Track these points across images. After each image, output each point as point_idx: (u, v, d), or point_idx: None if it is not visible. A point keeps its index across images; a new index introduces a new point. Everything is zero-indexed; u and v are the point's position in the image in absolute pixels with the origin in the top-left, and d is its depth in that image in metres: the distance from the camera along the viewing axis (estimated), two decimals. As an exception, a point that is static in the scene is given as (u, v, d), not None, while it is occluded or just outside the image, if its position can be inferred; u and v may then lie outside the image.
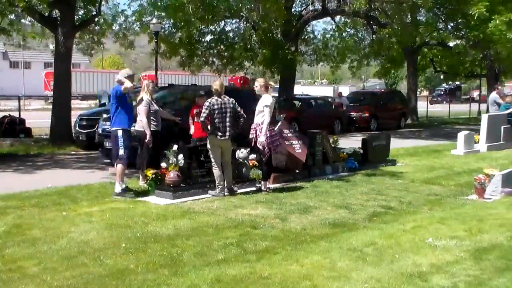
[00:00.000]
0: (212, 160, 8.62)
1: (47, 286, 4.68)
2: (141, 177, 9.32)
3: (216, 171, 8.59)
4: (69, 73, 17.36)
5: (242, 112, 8.76)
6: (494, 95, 17.70)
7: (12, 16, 18.12)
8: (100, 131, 12.43)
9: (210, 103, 8.54)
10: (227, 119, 8.56)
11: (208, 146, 8.63)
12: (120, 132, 8.46)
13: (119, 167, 8.45)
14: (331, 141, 11.57)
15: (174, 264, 5.24)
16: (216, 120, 8.50)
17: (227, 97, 8.71)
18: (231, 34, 21.19)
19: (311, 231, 6.60)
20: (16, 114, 18.69)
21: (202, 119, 8.56)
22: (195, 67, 21.55)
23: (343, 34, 26.07)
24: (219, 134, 8.53)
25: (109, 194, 8.60)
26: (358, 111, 24.14)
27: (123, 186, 8.45)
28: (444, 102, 53.80)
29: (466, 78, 42.58)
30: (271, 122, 8.99)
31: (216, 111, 8.50)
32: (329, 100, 26.08)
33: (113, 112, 8.59)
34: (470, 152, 14.72)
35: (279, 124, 10.83)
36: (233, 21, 21.12)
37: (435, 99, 61.95)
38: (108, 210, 7.49)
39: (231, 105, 8.64)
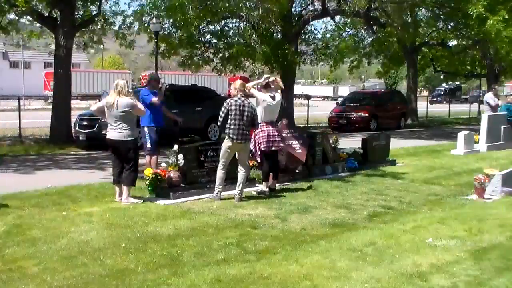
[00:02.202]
0: (221, 161, 8.33)
1: (47, 286, 4.68)
2: (117, 192, 8.17)
3: (220, 173, 8.29)
4: (69, 73, 17.36)
5: (257, 121, 8.51)
6: (488, 95, 17.77)
7: (12, 16, 18.12)
8: None
9: (228, 103, 8.22)
10: (244, 122, 8.19)
11: (223, 147, 8.36)
12: (146, 129, 9.75)
13: (148, 158, 9.79)
14: (331, 141, 11.57)
15: (174, 264, 5.24)
16: (232, 122, 8.15)
17: (248, 100, 8.42)
18: (231, 33, 21.18)
19: (311, 231, 6.60)
20: (16, 114, 18.69)
21: (219, 123, 8.31)
22: (194, 66, 21.54)
23: (343, 34, 26.06)
24: (236, 138, 8.16)
25: (109, 194, 8.60)
26: (358, 111, 24.13)
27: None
28: (444, 102, 53.81)
29: (466, 78, 42.58)
30: (270, 122, 8.96)
31: (233, 112, 8.15)
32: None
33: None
34: (470, 152, 14.72)
35: (279, 123, 10.83)
36: (233, 21, 21.10)
37: (435, 99, 61.98)
38: (108, 210, 7.49)
39: (250, 109, 8.30)
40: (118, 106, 7.75)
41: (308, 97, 29.97)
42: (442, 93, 68.43)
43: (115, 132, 7.89)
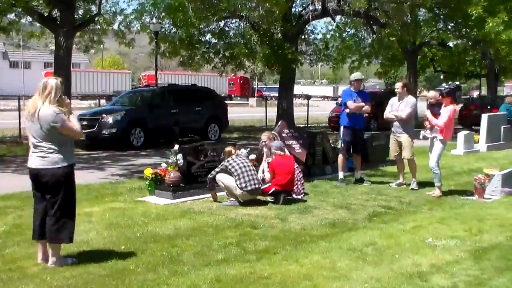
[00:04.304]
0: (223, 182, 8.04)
1: (47, 286, 4.67)
2: (40, 250, 5.36)
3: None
4: (69, 73, 17.35)
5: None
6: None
7: (12, 16, 18.12)
8: None
9: (227, 162, 8.00)
10: (251, 172, 7.98)
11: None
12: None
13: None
14: (331, 141, 11.57)
15: (174, 264, 5.24)
16: (240, 175, 7.86)
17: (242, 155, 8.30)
18: (231, 34, 21.20)
19: (311, 231, 6.60)
20: (16, 114, 18.69)
21: (214, 172, 8.08)
22: (195, 66, 21.56)
23: (343, 34, 26.06)
24: (250, 186, 7.86)
25: (109, 194, 8.60)
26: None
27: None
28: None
29: (466, 78, 42.56)
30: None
31: (237, 166, 7.92)
32: None
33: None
34: (470, 152, 14.72)
35: (279, 124, 10.86)
36: (233, 21, 21.11)
37: (435, 99, 61.89)
38: (108, 210, 7.49)
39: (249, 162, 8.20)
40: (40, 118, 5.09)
41: (308, 97, 29.99)
42: (442, 93, 68.31)
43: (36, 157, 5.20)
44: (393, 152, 9.93)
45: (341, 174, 10.02)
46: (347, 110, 9.88)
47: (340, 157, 10.10)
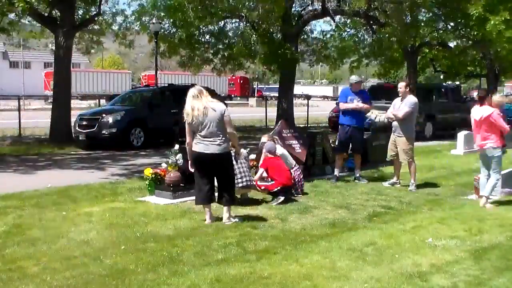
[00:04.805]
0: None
1: (47, 286, 4.67)
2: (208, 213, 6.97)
3: None
4: (69, 73, 17.36)
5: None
6: None
7: (12, 16, 18.13)
8: None
9: None
10: (243, 168, 7.90)
11: None
12: None
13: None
14: (331, 141, 11.57)
15: (174, 264, 5.24)
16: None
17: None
18: (230, 34, 21.19)
19: (311, 231, 6.60)
20: (16, 114, 18.71)
21: None
22: (195, 66, 21.55)
23: (343, 34, 26.04)
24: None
25: (108, 194, 8.60)
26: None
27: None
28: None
29: (466, 78, 42.52)
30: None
31: None
32: None
33: None
34: (470, 152, 14.71)
35: (279, 124, 10.86)
36: (233, 21, 21.12)
37: (435, 99, 61.89)
38: (108, 210, 7.48)
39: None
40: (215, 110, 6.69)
41: (308, 97, 30.03)
42: (442, 93, 68.28)
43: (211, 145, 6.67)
44: (390, 151, 9.90)
45: (336, 171, 10.33)
46: (343, 107, 10.23)
47: (336, 156, 10.50)
